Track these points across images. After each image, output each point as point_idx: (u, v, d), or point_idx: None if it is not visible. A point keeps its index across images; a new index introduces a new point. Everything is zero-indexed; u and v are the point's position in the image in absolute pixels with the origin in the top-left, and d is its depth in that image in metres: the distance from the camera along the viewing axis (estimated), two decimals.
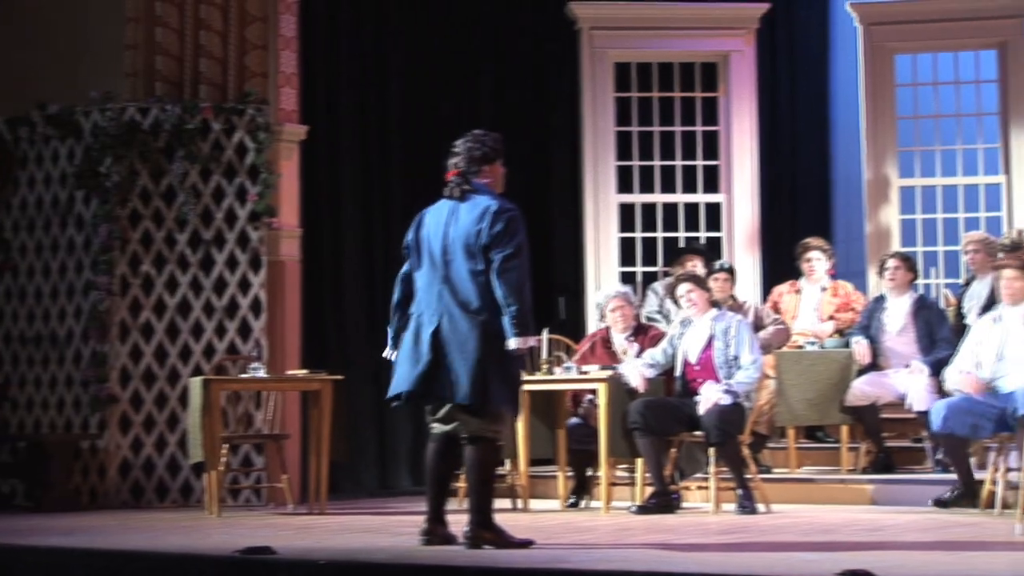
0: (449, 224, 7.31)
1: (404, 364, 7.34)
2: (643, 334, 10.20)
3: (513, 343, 7.13)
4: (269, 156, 10.94)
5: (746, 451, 9.60)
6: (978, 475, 9.13)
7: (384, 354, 7.52)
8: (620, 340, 10.21)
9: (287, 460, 10.30)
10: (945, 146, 12.87)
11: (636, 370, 9.56)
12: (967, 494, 9.02)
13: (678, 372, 9.66)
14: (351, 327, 11.98)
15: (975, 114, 12.81)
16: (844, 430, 10.48)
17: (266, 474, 10.67)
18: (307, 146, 11.34)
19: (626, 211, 12.89)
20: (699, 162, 12.97)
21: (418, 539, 7.38)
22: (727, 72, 12.89)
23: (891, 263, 10.60)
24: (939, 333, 10.24)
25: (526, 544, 7.28)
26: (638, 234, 12.92)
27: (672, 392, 9.69)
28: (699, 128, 12.98)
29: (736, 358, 9.45)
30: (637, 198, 12.90)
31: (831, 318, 11.12)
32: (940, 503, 9.08)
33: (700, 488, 9.83)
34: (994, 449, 8.89)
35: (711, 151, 12.97)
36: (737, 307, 10.79)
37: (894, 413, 10.44)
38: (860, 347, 10.35)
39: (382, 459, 12.07)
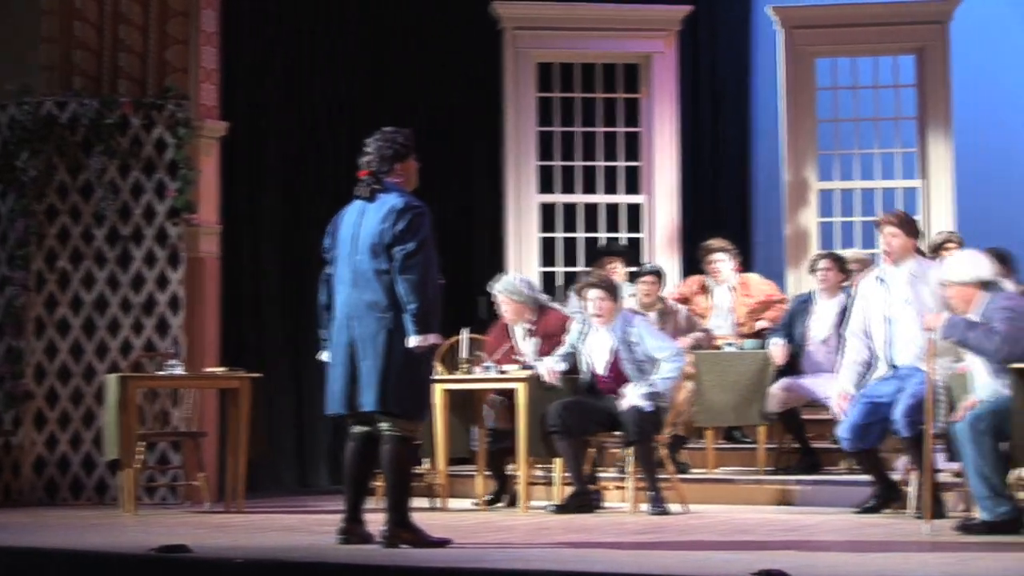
0: (358, 225, 7.34)
1: (333, 378, 7.35)
2: (543, 316, 10.15)
3: (413, 341, 7.16)
4: (189, 152, 10.88)
5: (664, 452, 9.64)
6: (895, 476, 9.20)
7: (318, 356, 7.52)
8: (519, 332, 10.19)
9: (204, 458, 10.24)
10: (864, 150, 12.98)
11: (545, 367, 9.55)
12: (891, 496, 9.04)
13: (585, 377, 9.63)
14: (270, 325, 11.93)
15: (893, 118, 12.93)
16: (761, 431, 10.55)
17: (183, 472, 10.60)
18: (228, 142, 11.28)
19: (547, 211, 12.92)
20: (620, 163, 13.02)
21: (335, 538, 7.37)
22: (649, 73, 12.94)
23: (822, 264, 10.52)
24: None
25: (443, 543, 7.27)
26: (559, 234, 12.95)
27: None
28: (621, 129, 13.03)
29: (649, 359, 9.43)
30: (558, 198, 12.93)
31: (759, 318, 11.12)
32: (868, 510, 9.03)
33: (618, 488, 9.86)
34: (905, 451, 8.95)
35: (632, 152, 13.02)
36: (667, 310, 10.81)
37: (814, 414, 10.51)
38: (777, 349, 10.38)
39: (300, 457, 12.03)
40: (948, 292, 8.13)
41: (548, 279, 12.69)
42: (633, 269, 11.50)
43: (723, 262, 11.23)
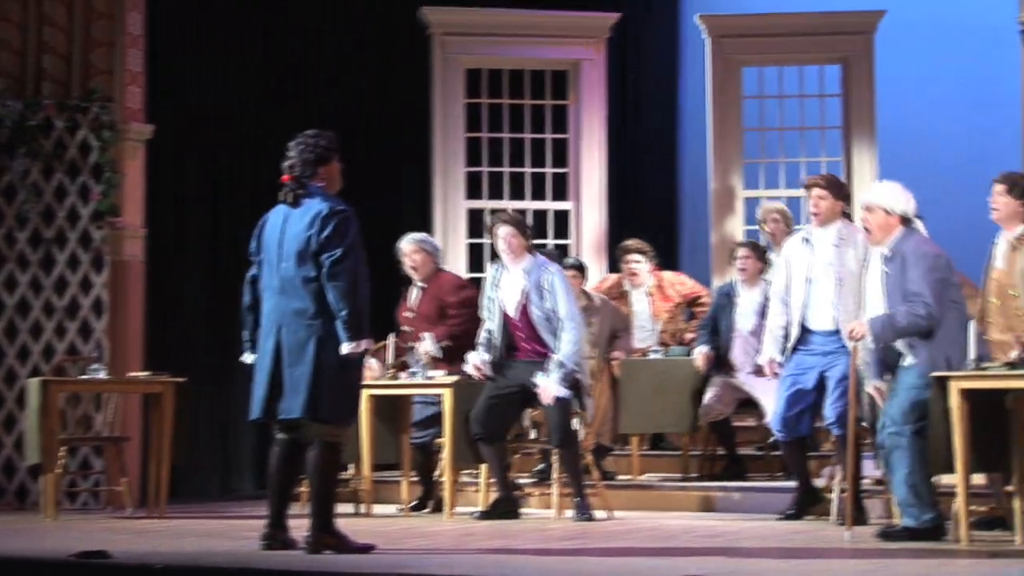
0: (283, 231, 7.31)
1: (258, 384, 7.31)
2: (436, 277, 10.08)
3: (346, 348, 7.14)
4: (113, 155, 10.81)
5: (589, 459, 9.66)
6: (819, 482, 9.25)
7: (242, 358, 7.48)
8: (414, 293, 10.10)
9: (127, 463, 10.17)
10: (789, 158, 13.07)
11: (472, 364, 9.47)
12: (811, 502, 9.04)
13: (498, 323, 9.36)
14: (195, 329, 11.85)
15: (819, 127, 13.02)
16: (686, 438, 10.58)
17: (105, 477, 10.52)
18: (153, 145, 11.21)
19: (475, 217, 12.91)
20: (548, 169, 13.04)
21: (259, 544, 7.33)
22: (577, 80, 12.97)
23: (741, 252, 10.46)
24: None
25: (367, 549, 7.25)
26: (487, 240, 12.93)
27: None
28: (549, 135, 13.05)
29: (554, 312, 9.21)
30: (486, 204, 12.93)
31: (688, 328, 11.13)
32: (789, 517, 9.01)
33: (543, 494, 9.86)
34: (834, 456, 9.00)
35: (560, 158, 13.04)
36: (591, 305, 10.77)
37: (739, 421, 10.56)
38: (700, 358, 10.37)
39: (225, 463, 11.96)
40: (871, 216, 7.99)
41: (476, 285, 12.66)
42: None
43: (640, 263, 11.20)
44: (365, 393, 9.47)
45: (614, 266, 12.53)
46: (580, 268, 10.99)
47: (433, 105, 12.80)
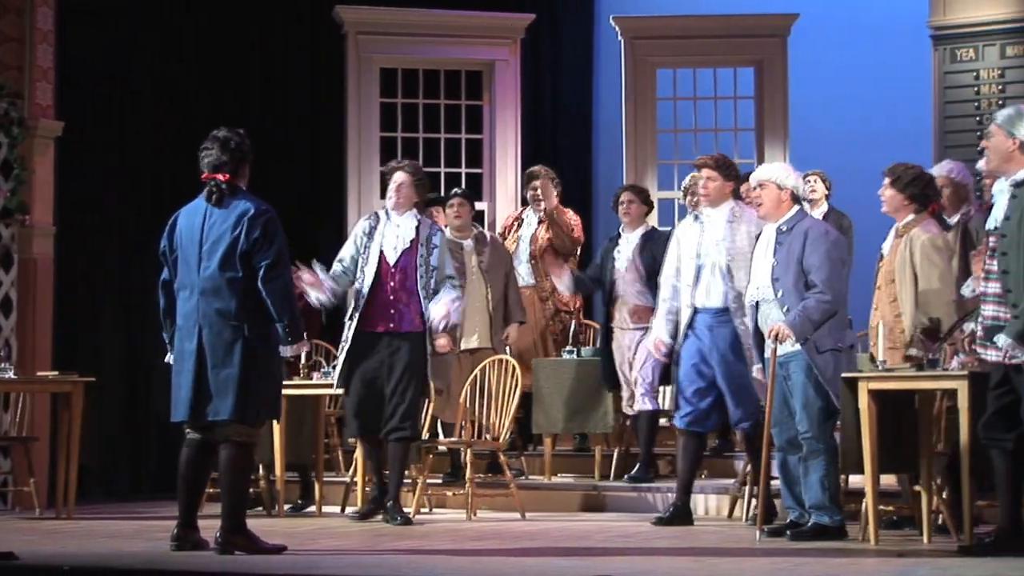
0: (204, 230, 7.24)
1: (180, 386, 7.28)
2: None
3: (289, 351, 7.23)
4: (23, 152, 10.69)
5: (503, 459, 9.66)
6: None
7: (166, 359, 7.45)
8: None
9: (35, 463, 10.05)
10: None
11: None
12: (684, 511, 8.88)
13: (372, 268, 9.08)
14: (105, 328, 11.74)
15: (732, 129, 13.09)
16: (601, 438, 10.60)
17: (13, 477, 10.40)
18: (64, 143, 11.09)
19: None
20: (463, 169, 13.03)
21: (169, 544, 7.29)
22: (492, 81, 12.98)
23: (624, 196, 10.39)
24: None
25: (279, 550, 7.21)
26: None
27: None
28: (463, 136, 13.04)
29: (435, 269, 9.07)
30: None
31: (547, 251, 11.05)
32: (661, 521, 8.82)
33: (456, 495, 9.85)
34: (740, 458, 9.05)
35: (475, 159, 13.04)
36: (480, 236, 10.59)
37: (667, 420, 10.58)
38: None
39: (134, 463, 11.85)
40: (764, 192, 8.13)
41: None
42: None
43: (547, 188, 11.16)
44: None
45: None
46: (467, 196, 10.79)
47: (348, 105, 12.75)
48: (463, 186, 12.26)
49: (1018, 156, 7.05)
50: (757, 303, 8.14)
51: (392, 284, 9.06)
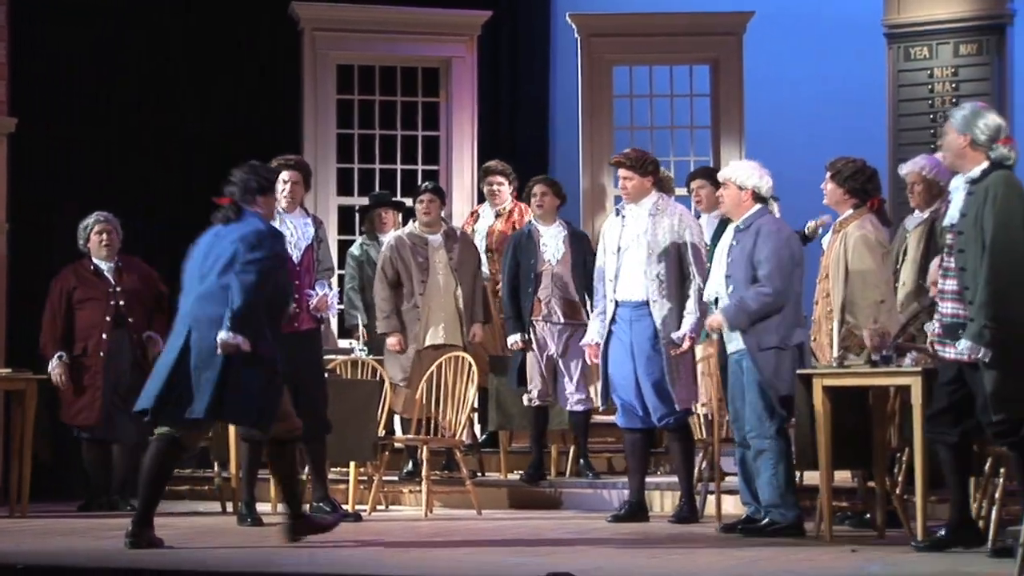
0: (212, 244, 7.53)
1: (153, 377, 7.47)
2: None
3: (222, 335, 7.25)
4: None
5: (459, 455, 9.66)
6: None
7: None
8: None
9: None
10: (659, 158, 13.11)
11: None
12: (639, 507, 8.90)
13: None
14: None
15: (688, 127, 13.12)
16: (554, 436, 10.61)
17: None
18: (18, 139, 11.03)
19: (346, 214, 12.86)
20: (419, 167, 13.02)
21: (124, 541, 7.28)
22: (448, 78, 12.97)
23: (538, 189, 10.29)
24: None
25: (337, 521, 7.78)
26: (358, 237, 12.87)
27: None
28: (420, 133, 13.03)
29: (328, 269, 9.23)
30: (357, 201, 12.87)
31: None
32: (617, 518, 8.83)
33: (412, 492, 9.85)
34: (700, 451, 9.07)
35: (432, 156, 13.03)
36: (450, 231, 10.50)
37: (604, 417, 10.60)
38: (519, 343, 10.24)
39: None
40: (724, 192, 8.27)
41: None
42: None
43: (502, 185, 11.17)
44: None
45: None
46: (437, 191, 10.70)
47: (304, 101, 12.72)
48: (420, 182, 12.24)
49: (970, 153, 7.09)
50: (716, 300, 8.18)
51: (297, 282, 8.94)
